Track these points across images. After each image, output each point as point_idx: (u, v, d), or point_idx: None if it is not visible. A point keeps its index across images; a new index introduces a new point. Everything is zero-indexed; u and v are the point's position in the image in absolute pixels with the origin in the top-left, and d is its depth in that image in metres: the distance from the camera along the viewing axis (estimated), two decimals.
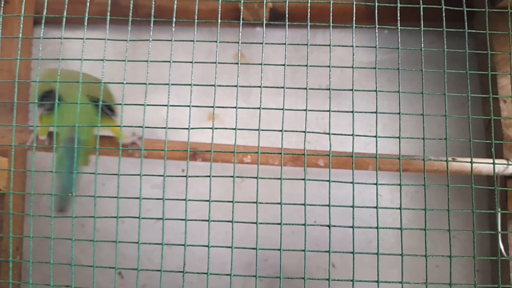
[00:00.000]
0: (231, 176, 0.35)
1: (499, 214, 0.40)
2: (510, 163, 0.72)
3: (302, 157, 0.68)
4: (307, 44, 0.36)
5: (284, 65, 0.36)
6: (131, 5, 0.39)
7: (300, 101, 0.93)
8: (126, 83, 0.35)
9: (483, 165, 0.68)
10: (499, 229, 0.39)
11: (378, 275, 0.40)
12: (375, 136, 0.39)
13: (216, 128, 0.36)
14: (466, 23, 0.39)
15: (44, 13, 0.37)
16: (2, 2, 0.43)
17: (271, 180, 0.58)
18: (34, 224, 0.82)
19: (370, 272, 0.87)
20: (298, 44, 0.35)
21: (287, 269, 0.90)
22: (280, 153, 0.35)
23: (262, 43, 0.35)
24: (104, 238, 0.84)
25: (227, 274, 0.32)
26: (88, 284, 0.39)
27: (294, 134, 0.92)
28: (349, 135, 0.41)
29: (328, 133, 0.37)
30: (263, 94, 0.94)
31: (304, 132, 0.37)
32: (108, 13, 0.39)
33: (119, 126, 0.40)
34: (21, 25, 0.37)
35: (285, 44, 0.36)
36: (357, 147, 0.89)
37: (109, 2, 0.39)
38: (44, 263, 0.32)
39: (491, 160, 0.72)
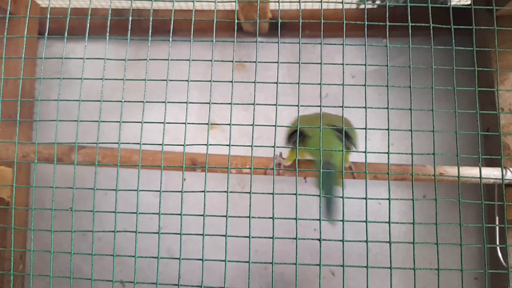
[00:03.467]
0: (225, 192, 0.36)
1: (485, 227, 0.41)
2: (508, 171, 0.72)
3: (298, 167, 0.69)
4: (298, 63, 0.37)
5: (276, 82, 0.37)
6: (130, 24, 0.41)
7: (300, 109, 0.94)
8: (124, 101, 0.36)
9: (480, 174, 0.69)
10: (485, 243, 0.39)
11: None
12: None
13: (210, 145, 0.37)
14: (454, 41, 0.40)
15: (46, 33, 0.38)
16: (7, 18, 0.44)
17: (271, 187, 0.58)
18: (40, 228, 0.83)
19: (369, 277, 0.88)
20: (290, 63, 0.36)
21: (287, 276, 0.91)
22: (273, 168, 0.35)
23: (255, 62, 0.36)
24: (106, 246, 0.85)
25: (221, 287, 0.33)
26: None
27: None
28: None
29: (319, 149, 0.37)
30: (263, 102, 0.96)
31: (296, 147, 0.38)
32: (108, 31, 0.40)
33: (118, 142, 0.41)
34: (24, 45, 0.39)
35: (277, 62, 0.37)
36: (355, 157, 0.90)
37: (109, 21, 0.41)
38: (44, 276, 0.34)
39: (485, 171, 0.73)
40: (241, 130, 0.92)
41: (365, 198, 0.39)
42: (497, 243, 0.74)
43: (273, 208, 0.38)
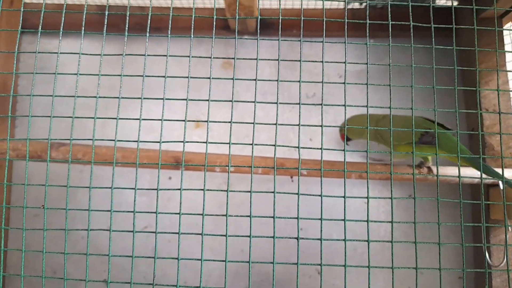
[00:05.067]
0: (201, 190, 0.36)
1: (463, 226, 0.41)
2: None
3: (284, 166, 0.69)
4: (278, 60, 0.37)
5: (255, 80, 0.36)
6: (106, 20, 0.40)
7: (286, 109, 0.94)
8: (99, 97, 0.36)
9: (464, 175, 0.69)
10: (464, 242, 0.39)
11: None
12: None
13: (187, 142, 0.36)
14: (433, 41, 0.40)
15: (19, 28, 0.37)
16: None
17: (259, 187, 0.58)
18: (20, 221, 0.81)
19: (355, 276, 0.88)
20: (270, 59, 0.36)
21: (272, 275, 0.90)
22: (251, 166, 0.35)
23: (234, 58, 0.36)
24: (91, 244, 0.84)
25: (196, 287, 0.32)
26: None
27: (279, 142, 0.93)
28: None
29: (297, 147, 0.37)
30: (250, 100, 0.95)
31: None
32: (83, 27, 0.39)
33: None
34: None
35: (256, 59, 0.37)
36: (339, 156, 0.90)
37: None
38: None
39: (470, 172, 0.73)
40: (228, 129, 0.91)
41: (344, 197, 0.38)
42: (484, 242, 0.74)
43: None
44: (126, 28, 0.38)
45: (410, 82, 0.88)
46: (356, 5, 0.97)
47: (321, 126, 0.36)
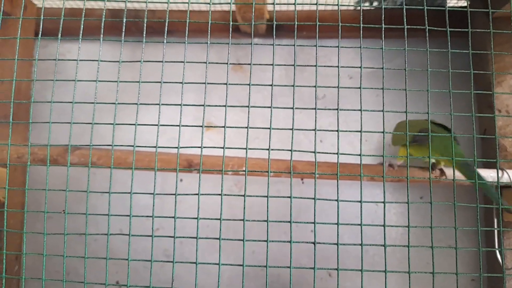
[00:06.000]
0: (219, 194, 0.36)
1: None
2: (505, 173, 0.72)
3: (296, 169, 0.69)
4: (294, 65, 0.37)
5: (271, 85, 0.36)
6: (124, 25, 0.40)
7: (297, 111, 0.94)
8: (118, 103, 0.36)
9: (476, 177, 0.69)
10: (481, 246, 0.39)
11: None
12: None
13: (205, 147, 0.37)
14: (449, 45, 0.40)
15: (40, 35, 0.38)
16: None
17: (269, 187, 0.58)
18: (35, 229, 0.83)
19: (367, 279, 0.88)
20: (285, 65, 0.36)
21: (283, 277, 0.91)
22: (267, 171, 0.35)
23: (250, 64, 0.36)
24: (102, 247, 0.85)
25: None
26: None
27: (287, 142, 0.93)
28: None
29: (314, 151, 0.37)
30: (260, 103, 0.95)
31: (292, 150, 0.38)
32: (102, 32, 0.40)
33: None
34: (17, 46, 0.38)
35: (272, 64, 0.37)
36: (351, 158, 0.90)
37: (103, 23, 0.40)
38: (36, 279, 0.33)
39: (482, 174, 0.73)
40: (238, 131, 0.92)
41: (360, 201, 0.38)
42: (496, 245, 0.74)
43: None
44: (144, 35, 0.38)
45: (421, 83, 0.87)
46: (366, 5, 0.97)
47: (337, 131, 0.36)
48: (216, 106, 0.37)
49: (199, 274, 0.89)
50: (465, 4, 0.93)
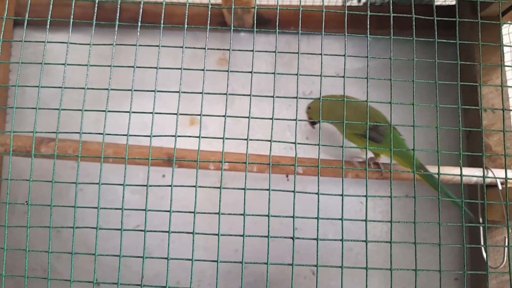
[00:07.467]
0: (193, 186, 0.35)
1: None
2: (490, 171, 0.72)
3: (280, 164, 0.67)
4: (275, 52, 0.36)
5: (251, 72, 0.35)
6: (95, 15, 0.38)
7: (283, 107, 0.93)
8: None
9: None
10: (465, 243, 0.38)
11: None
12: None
13: (179, 136, 0.35)
14: (436, 34, 0.39)
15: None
16: None
17: (254, 185, 0.57)
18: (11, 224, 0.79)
19: (350, 277, 0.87)
20: (266, 51, 0.34)
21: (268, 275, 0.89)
22: (245, 162, 0.34)
23: (229, 50, 0.35)
24: (80, 243, 0.82)
25: None
26: None
27: (271, 135, 0.91)
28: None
29: (294, 142, 0.36)
30: (246, 99, 0.93)
31: (274, 141, 0.36)
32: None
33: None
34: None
35: (252, 51, 0.35)
36: (335, 154, 0.89)
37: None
38: (18, 276, 0.31)
39: (467, 172, 0.72)
40: (222, 127, 0.90)
41: (342, 195, 0.37)
42: (481, 243, 0.73)
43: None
44: (117, 17, 0.36)
45: (408, 80, 0.87)
46: (354, 2, 0.96)
47: (319, 122, 0.35)
48: (192, 93, 0.35)
49: (180, 271, 0.87)
50: (453, 3, 0.92)
